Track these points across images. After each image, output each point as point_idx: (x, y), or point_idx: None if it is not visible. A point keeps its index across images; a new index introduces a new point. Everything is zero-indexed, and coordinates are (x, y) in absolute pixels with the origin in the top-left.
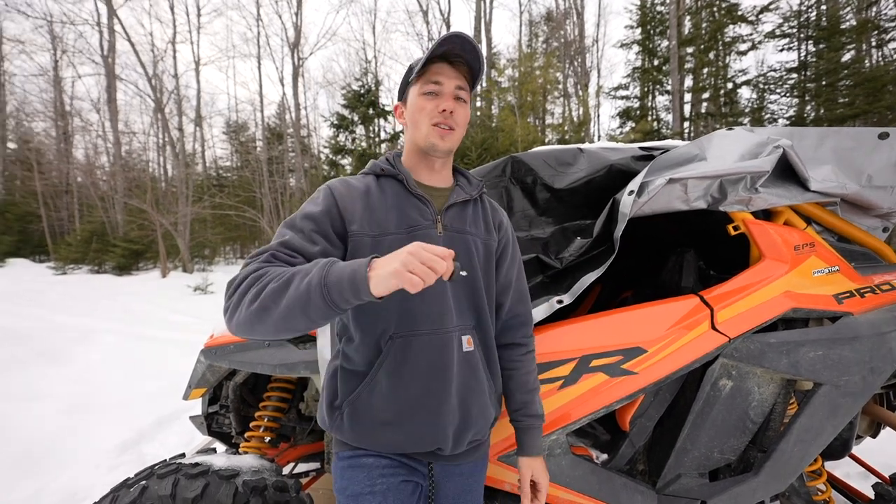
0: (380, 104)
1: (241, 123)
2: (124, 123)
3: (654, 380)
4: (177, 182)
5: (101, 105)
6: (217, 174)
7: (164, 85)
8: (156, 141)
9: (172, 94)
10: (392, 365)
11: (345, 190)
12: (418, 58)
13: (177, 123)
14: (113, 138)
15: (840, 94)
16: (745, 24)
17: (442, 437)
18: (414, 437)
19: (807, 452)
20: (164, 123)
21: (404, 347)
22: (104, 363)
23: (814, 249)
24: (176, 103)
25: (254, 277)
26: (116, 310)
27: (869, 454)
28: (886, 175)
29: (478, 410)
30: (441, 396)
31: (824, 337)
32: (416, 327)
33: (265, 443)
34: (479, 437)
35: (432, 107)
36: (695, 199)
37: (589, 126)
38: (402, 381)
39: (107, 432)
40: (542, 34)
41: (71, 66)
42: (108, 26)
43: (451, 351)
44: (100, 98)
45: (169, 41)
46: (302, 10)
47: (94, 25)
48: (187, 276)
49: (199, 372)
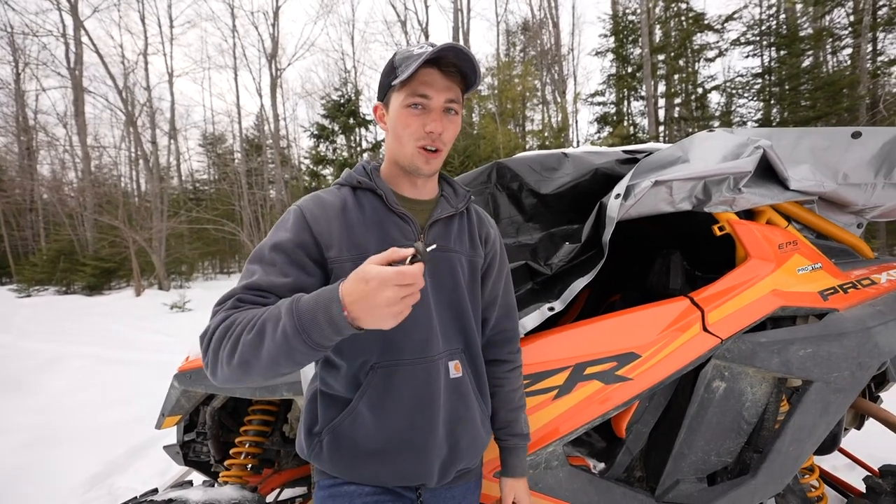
0: (360, 113)
1: (218, 135)
2: (93, 137)
3: (649, 385)
4: (151, 197)
5: (68, 119)
6: (194, 187)
7: (135, 97)
8: (128, 155)
9: (145, 107)
10: (374, 397)
11: (318, 211)
12: (402, 52)
13: (150, 136)
14: (81, 153)
15: (802, 97)
16: (711, 32)
17: (427, 473)
18: (398, 474)
19: (802, 451)
20: (137, 137)
21: (386, 378)
22: (73, 390)
23: (797, 247)
24: (149, 116)
25: (223, 329)
26: (86, 332)
27: (853, 446)
28: (861, 173)
29: (468, 441)
30: (427, 430)
31: (813, 334)
32: (399, 356)
33: (247, 470)
34: (468, 466)
35: (418, 125)
36: (680, 201)
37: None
38: (384, 413)
39: (75, 466)
40: (520, 43)
41: (34, 79)
42: (75, 38)
43: (437, 380)
44: (67, 112)
45: (140, 53)
46: (279, 22)
47: (60, 37)
48: (163, 294)
49: (172, 398)
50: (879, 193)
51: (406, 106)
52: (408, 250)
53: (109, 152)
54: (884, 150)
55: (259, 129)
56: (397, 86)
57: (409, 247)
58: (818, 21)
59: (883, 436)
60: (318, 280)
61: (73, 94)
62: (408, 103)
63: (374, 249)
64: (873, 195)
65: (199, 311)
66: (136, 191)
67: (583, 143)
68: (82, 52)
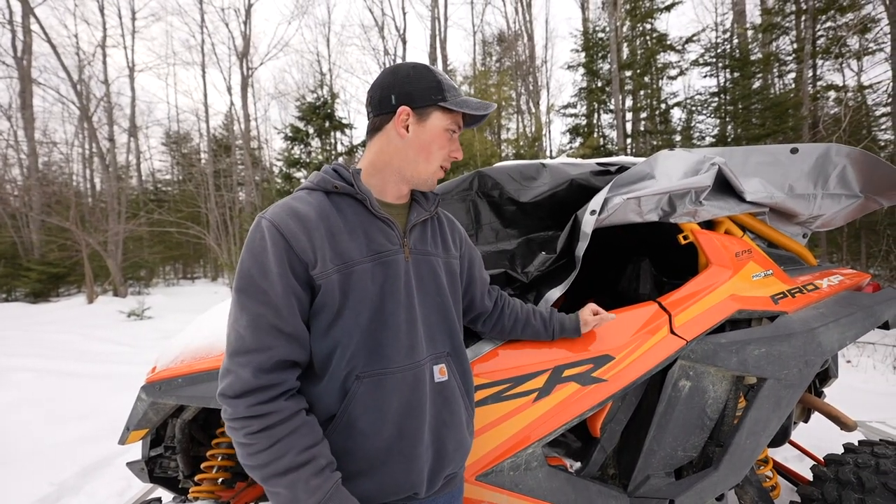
0: (336, 117)
1: (183, 134)
2: (42, 132)
3: (622, 385)
4: (107, 197)
5: (13, 112)
6: (155, 188)
7: (91, 91)
8: (81, 152)
9: (102, 102)
10: (360, 408)
11: (296, 226)
12: (442, 75)
13: (107, 133)
14: (28, 148)
15: (753, 115)
16: (673, 52)
17: (418, 482)
18: (387, 486)
19: (758, 443)
20: (92, 133)
21: (374, 387)
22: (17, 406)
23: (751, 255)
24: (106, 111)
25: (269, 437)
26: (32, 343)
27: (801, 438)
28: (803, 184)
29: (454, 445)
30: (415, 437)
31: (766, 335)
32: (387, 364)
33: (219, 484)
34: (455, 471)
35: (451, 150)
36: (647, 212)
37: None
38: (372, 425)
39: (21, 489)
40: (496, 54)
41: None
42: (24, 25)
43: (423, 385)
44: (11, 104)
45: (98, 45)
46: (251, 20)
47: (5, 24)
48: (119, 301)
49: (139, 411)
50: (820, 203)
51: (447, 129)
52: None
53: (60, 149)
54: (817, 163)
55: (228, 128)
56: (444, 108)
57: (395, 252)
58: (766, 47)
59: (827, 428)
60: (309, 299)
61: (19, 85)
62: (452, 129)
63: (359, 255)
64: (815, 205)
65: (159, 318)
66: (90, 191)
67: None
68: (31, 42)
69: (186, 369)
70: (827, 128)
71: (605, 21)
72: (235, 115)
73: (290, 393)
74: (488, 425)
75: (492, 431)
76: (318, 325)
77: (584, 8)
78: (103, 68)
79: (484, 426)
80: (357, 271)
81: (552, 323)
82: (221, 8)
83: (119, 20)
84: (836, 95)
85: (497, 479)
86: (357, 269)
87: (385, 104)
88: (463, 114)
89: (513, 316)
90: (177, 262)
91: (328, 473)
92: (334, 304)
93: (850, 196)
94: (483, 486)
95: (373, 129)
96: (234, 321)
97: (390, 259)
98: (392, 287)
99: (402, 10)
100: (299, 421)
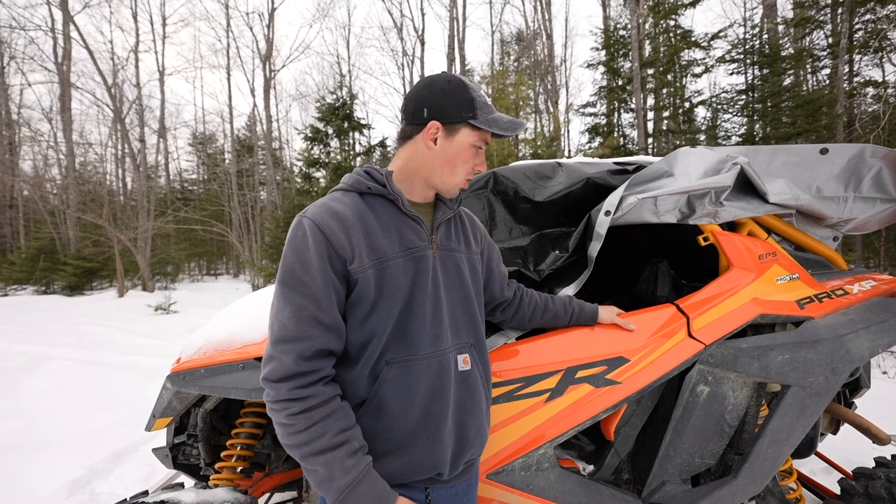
0: (355, 117)
1: (209, 135)
2: (79, 134)
3: (637, 388)
4: (137, 195)
5: (54, 114)
6: (182, 187)
7: (124, 94)
8: (114, 153)
9: (134, 104)
10: (390, 392)
11: (336, 224)
12: (477, 91)
13: (138, 134)
14: (66, 149)
15: (783, 114)
16: (698, 49)
17: (441, 463)
18: (413, 466)
19: (780, 453)
20: (125, 134)
21: (402, 372)
22: (51, 393)
23: (776, 258)
24: (137, 113)
25: (308, 419)
26: (67, 333)
27: (830, 450)
28: (832, 186)
29: (474, 431)
30: (440, 420)
31: (790, 341)
32: (415, 351)
33: (238, 473)
34: (474, 456)
35: (475, 164)
36: (664, 213)
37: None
38: (401, 407)
39: (54, 471)
40: (514, 53)
41: (20, 73)
42: (64, 33)
43: (448, 373)
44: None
45: (131, 49)
46: (274, 24)
47: (48, 31)
48: (147, 295)
49: (164, 400)
50: (851, 206)
51: (473, 145)
52: None
53: (95, 149)
54: (849, 164)
55: (251, 129)
56: (473, 124)
57: (425, 248)
58: (799, 42)
59: (858, 441)
60: (345, 292)
61: (59, 89)
62: (478, 145)
63: (391, 252)
64: (846, 208)
65: (184, 313)
66: (121, 189)
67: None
68: (71, 48)
69: (208, 361)
70: (864, 126)
71: (627, 18)
72: (258, 117)
73: (327, 379)
74: (500, 424)
75: (503, 430)
76: (355, 316)
77: (605, 5)
78: (135, 72)
79: (495, 425)
80: (391, 266)
81: (571, 306)
82: (246, 12)
83: (150, 26)
84: (875, 92)
85: (508, 478)
86: (391, 264)
87: (417, 116)
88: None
89: (532, 303)
90: (201, 258)
91: (361, 455)
92: (370, 296)
93: (886, 200)
94: (494, 485)
95: (404, 136)
96: (278, 311)
97: (420, 255)
98: (421, 280)
99: (420, 12)
100: (335, 405)
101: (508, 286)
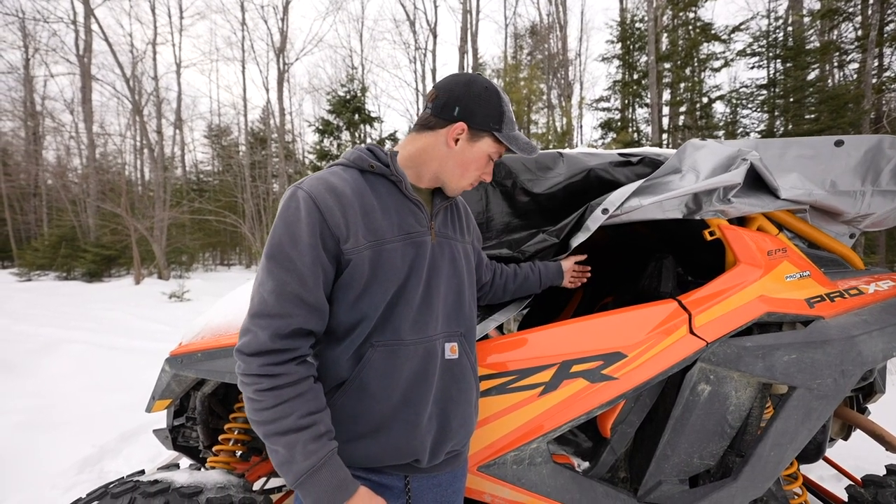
0: (365, 110)
1: (224, 127)
2: (99, 125)
3: (634, 385)
4: (154, 186)
5: (75, 106)
6: (197, 178)
7: (142, 86)
8: (133, 144)
9: (151, 96)
10: (373, 373)
11: (332, 200)
12: (508, 105)
13: (155, 126)
14: (87, 140)
15: (807, 110)
16: (718, 42)
17: (420, 449)
18: (389, 449)
19: (783, 456)
20: (143, 126)
21: (387, 355)
22: (68, 375)
23: (786, 255)
24: (155, 105)
25: (276, 396)
26: (84, 318)
27: (840, 457)
28: (848, 180)
29: (458, 422)
30: (420, 406)
31: (797, 340)
32: (401, 336)
33: (235, 457)
34: (457, 447)
35: (484, 171)
36: (669, 209)
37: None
38: (383, 390)
39: (66, 449)
40: (527, 47)
41: (43, 65)
42: (85, 25)
43: (434, 359)
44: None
45: (149, 42)
46: (288, 16)
47: (70, 24)
48: (163, 283)
49: (163, 382)
50: (869, 201)
51: (489, 155)
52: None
53: (115, 140)
54: (867, 157)
55: (265, 122)
56: (494, 135)
57: (423, 234)
58: (825, 35)
59: (870, 448)
60: (334, 273)
61: (80, 81)
62: (493, 153)
63: (390, 235)
64: (863, 203)
65: (197, 301)
66: (139, 179)
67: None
68: (92, 40)
69: (206, 345)
70: (892, 123)
71: (644, 11)
72: (271, 110)
73: (302, 359)
74: (491, 416)
75: (495, 423)
76: (346, 297)
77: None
78: (153, 65)
79: (487, 417)
80: (388, 249)
81: (536, 266)
82: (261, 5)
83: (168, 18)
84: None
85: (499, 471)
86: (388, 247)
87: (447, 111)
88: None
89: (503, 275)
90: (215, 248)
91: (325, 441)
92: (363, 278)
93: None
94: (485, 478)
95: (426, 125)
96: (260, 284)
97: (419, 241)
98: (418, 266)
99: (433, 4)
100: (306, 386)
101: (488, 268)
